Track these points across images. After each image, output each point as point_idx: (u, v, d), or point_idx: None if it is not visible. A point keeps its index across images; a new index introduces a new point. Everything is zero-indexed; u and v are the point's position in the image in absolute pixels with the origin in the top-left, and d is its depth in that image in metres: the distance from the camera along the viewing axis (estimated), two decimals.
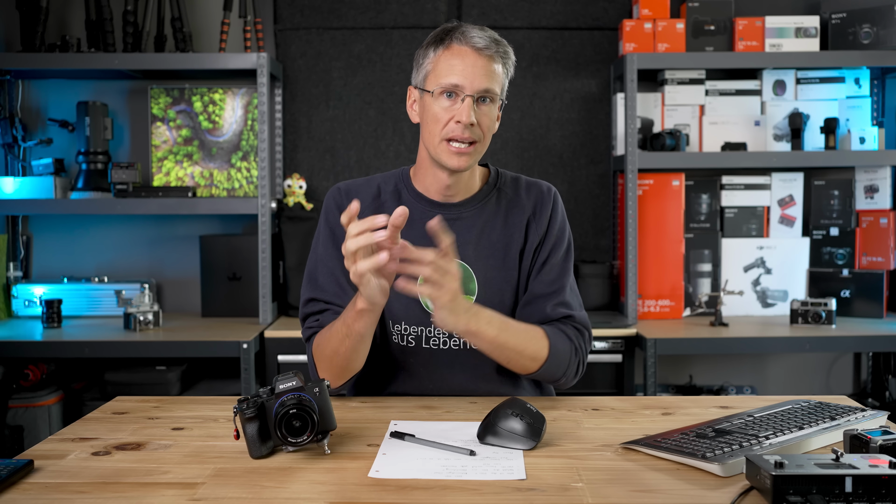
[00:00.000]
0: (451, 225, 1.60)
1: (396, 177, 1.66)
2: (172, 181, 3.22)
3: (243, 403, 1.21)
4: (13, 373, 2.86)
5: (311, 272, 1.61)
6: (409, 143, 3.26)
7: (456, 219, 1.61)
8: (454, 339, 1.59)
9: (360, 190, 1.63)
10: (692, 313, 3.11)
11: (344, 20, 3.25)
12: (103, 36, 3.02)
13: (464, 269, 1.58)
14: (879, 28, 2.96)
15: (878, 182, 3.18)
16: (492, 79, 1.51)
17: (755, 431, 1.24)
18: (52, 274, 3.24)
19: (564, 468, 1.17)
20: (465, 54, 1.50)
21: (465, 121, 1.48)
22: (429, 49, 1.55)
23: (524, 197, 1.65)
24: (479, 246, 1.60)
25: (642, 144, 3.07)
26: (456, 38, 1.51)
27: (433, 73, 1.53)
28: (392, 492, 1.08)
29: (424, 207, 1.61)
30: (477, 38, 1.50)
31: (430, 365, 1.59)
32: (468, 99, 1.49)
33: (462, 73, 1.49)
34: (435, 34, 1.55)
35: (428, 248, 1.34)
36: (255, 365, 2.76)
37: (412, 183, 1.64)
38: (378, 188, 1.64)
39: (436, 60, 1.53)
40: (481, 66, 1.50)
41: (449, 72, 1.50)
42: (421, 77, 1.56)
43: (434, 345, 1.59)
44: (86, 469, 1.18)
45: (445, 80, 1.50)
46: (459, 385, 1.59)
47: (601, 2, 3.26)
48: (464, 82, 1.49)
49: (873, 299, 3.05)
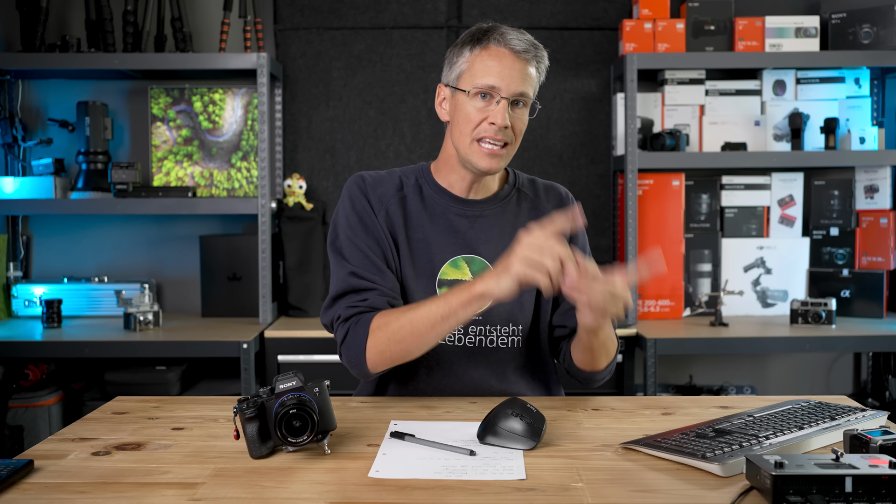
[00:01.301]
0: (472, 222, 1.61)
1: (416, 172, 1.65)
2: (172, 181, 3.22)
3: (243, 403, 1.21)
4: (13, 373, 2.87)
5: (345, 256, 1.55)
6: (408, 144, 3.26)
7: (478, 216, 1.61)
8: (469, 337, 1.58)
9: (383, 181, 1.62)
10: (692, 313, 3.11)
11: (344, 20, 3.25)
12: (103, 36, 3.02)
13: (484, 267, 1.59)
14: (879, 28, 2.96)
15: (878, 182, 3.18)
16: (527, 83, 1.51)
17: (755, 431, 1.24)
18: (52, 274, 3.24)
19: (564, 468, 1.17)
20: (502, 56, 1.49)
21: (500, 123, 1.48)
22: (464, 48, 1.54)
23: (543, 199, 1.67)
24: (500, 245, 1.59)
25: (642, 144, 3.07)
26: (494, 39, 1.50)
27: (468, 73, 1.52)
28: (392, 492, 1.08)
29: (447, 202, 1.61)
30: (516, 40, 1.50)
31: (445, 362, 1.59)
32: (504, 101, 1.49)
33: (499, 75, 1.49)
34: (471, 33, 1.54)
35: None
36: (255, 365, 2.76)
37: (433, 178, 1.64)
38: (400, 180, 1.63)
39: (472, 60, 1.52)
40: (518, 70, 1.49)
41: (485, 73, 1.49)
42: (454, 76, 1.55)
43: (449, 341, 1.58)
44: (86, 469, 1.18)
45: (481, 81, 1.49)
46: (472, 383, 1.59)
47: (601, 2, 3.26)
48: (500, 84, 1.49)
49: (873, 299, 3.05)
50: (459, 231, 1.60)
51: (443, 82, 1.60)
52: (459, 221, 1.60)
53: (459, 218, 1.60)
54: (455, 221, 1.60)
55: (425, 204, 1.61)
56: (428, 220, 1.60)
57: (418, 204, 1.61)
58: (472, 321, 1.58)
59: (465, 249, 1.59)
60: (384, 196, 1.60)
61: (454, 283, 1.57)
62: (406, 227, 1.59)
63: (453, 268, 1.58)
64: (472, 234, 1.60)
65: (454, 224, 1.60)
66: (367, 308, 1.50)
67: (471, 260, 1.59)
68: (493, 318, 1.58)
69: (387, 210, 1.59)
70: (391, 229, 1.58)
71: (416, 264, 1.58)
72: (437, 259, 1.58)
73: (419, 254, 1.58)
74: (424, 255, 1.58)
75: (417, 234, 1.59)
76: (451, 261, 1.58)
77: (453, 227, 1.60)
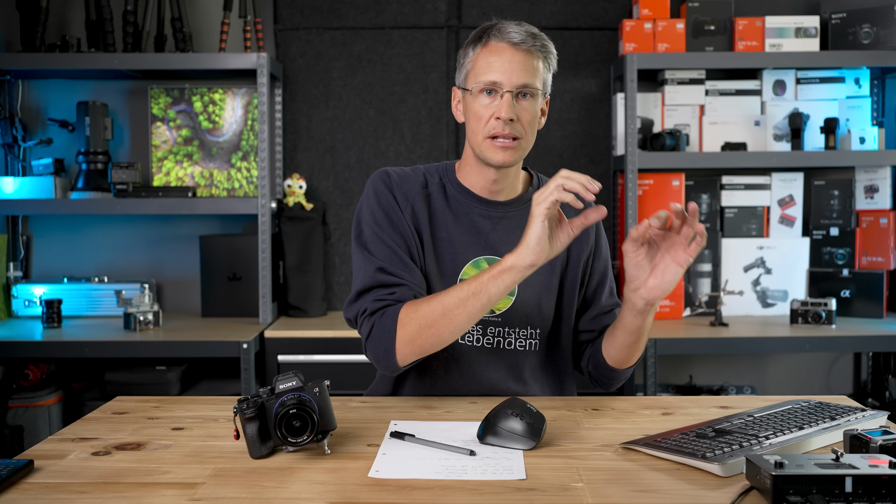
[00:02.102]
0: (495, 223, 1.60)
1: (440, 171, 1.64)
2: (172, 181, 3.22)
3: (243, 403, 1.21)
4: (13, 373, 2.87)
5: (371, 251, 1.52)
6: (409, 143, 3.26)
7: (501, 217, 1.61)
8: (487, 337, 1.58)
9: (408, 178, 1.61)
10: (692, 313, 3.11)
11: (344, 20, 3.25)
12: (103, 36, 3.02)
13: None
14: (879, 28, 2.96)
15: (878, 182, 3.18)
16: (530, 73, 1.50)
17: (755, 431, 1.24)
18: (52, 274, 3.24)
19: (564, 468, 1.17)
20: (502, 50, 1.50)
21: (504, 116, 1.48)
22: (468, 48, 1.55)
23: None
24: None
25: (642, 144, 3.07)
26: (493, 36, 1.51)
27: (472, 72, 1.53)
28: (392, 492, 1.08)
29: (470, 203, 1.61)
30: (513, 33, 1.50)
31: (462, 362, 1.58)
32: (507, 95, 1.48)
33: (500, 70, 1.49)
34: (474, 33, 1.55)
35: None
36: (255, 365, 2.76)
37: (457, 178, 1.63)
38: (424, 178, 1.63)
39: (475, 59, 1.53)
40: (519, 62, 1.49)
41: (487, 69, 1.50)
42: (462, 77, 1.56)
43: (468, 341, 1.58)
44: (86, 469, 1.18)
45: (484, 78, 1.50)
46: (489, 383, 1.58)
47: (601, 2, 3.26)
48: (501, 79, 1.49)
49: (873, 299, 3.05)
50: (482, 232, 1.59)
51: (455, 85, 1.61)
52: (483, 222, 1.60)
53: (483, 219, 1.60)
54: (478, 222, 1.60)
55: (449, 203, 1.61)
56: (452, 220, 1.59)
57: (443, 203, 1.60)
58: (491, 322, 1.57)
59: (488, 250, 1.59)
60: (409, 192, 1.59)
61: None
62: (431, 226, 1.59)
63: (475, 268, 1.58)
64: (494, 235, 1.59)
65: (477, 225, 1.60)
66: (394, 301, 1.47)
67: (492, 261, 1.57)
68: (512, 320, 1.58)
69: (412, 207, 1.58)
70: (416, 226, 1.58)
71: (440, 263, 1.58)
72: (460, 259, 1.58)
73: (442, 252, 1.58)
74: (448, 254, 1.58)
75: (441, 232, 1.59)
76: (473, 261, 1.58)
77: (476, 228, 1.60)
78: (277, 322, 3.01)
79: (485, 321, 1.58)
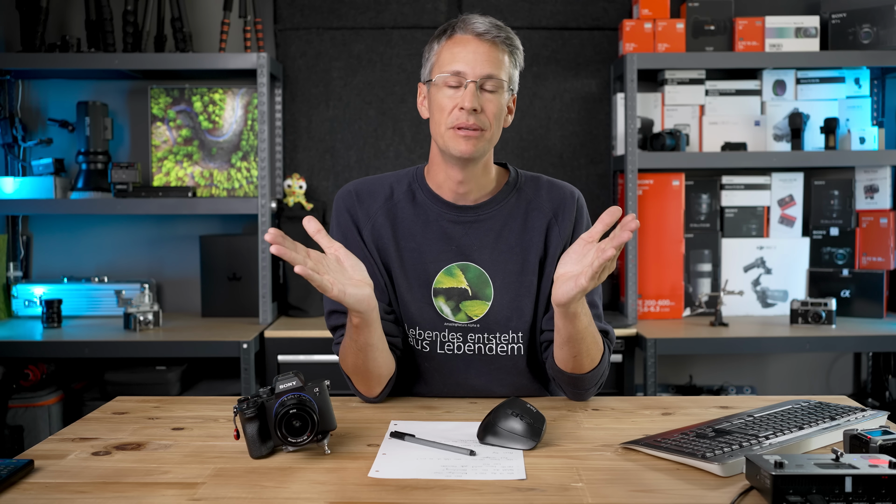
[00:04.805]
0: (468, 228, 1.57)
1: (410, 176, 1.62)
2: (172, 181, 3.22)
3: (243, 403, 1.21)
4: (13, 373, 2.86)
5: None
6: (408, 143, 3.26)
7: (473, 222, 1.57)
8: (468, 345, 1.57)
9: (371, 191, 1.60)
10: (692, 313, 3.11)
11: (344, 20, 3.25)
12: (103, 36, 3.02)
13: (479, 274, 1.56)
14: (879, 28, 2.96)
15: (878, 182, 3.18)
16: (494, 64, 1.48)
17: (755, 431, 1.24)
18: (52, 274, 3.24)
19: (564, 468, 1.17)
20: (466, 42, 1.49)
21: (468, 106, 1.46)
22: (433, 42, 1.54)
23: (544, 198, 1.61)
24: (497, 250, 1.57)
25: (642, 144, 3.07)
26: (458, 28, 1.51)
27: (437, 64, 1.52)
28: (392, 492, 1.08)
29: (440, 209, 1.58)
30: (478, 24, 1.49)
31: (444, 370, 1.58)
32: (471, 85, 1.47)
33: (464, 60, 1.48)
34: (440, 28, 1.55)
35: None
36: (255, 365, 2.76)
37: (426, 182, 1.60)
38: (391, 188, 1.60)
39: (439, 52, 1.52)
40: (483, 52, 1.48)
41: (451, 60, 1.49)
42: (427, 70, 1.55)
43: (448, 350, 1.57)
44: (86, 469, 1.18)
45: (448, 68, 1.49)
46: (474, 390, 1.58)
47: (601, 2, 3.26)
48: (465, 69, 1.48)
49: (873, 299, 3.05)
50: (453, 238, 1.57)
51: (420, 81, 1.60)
52: (453, 228, 1.57)
53: (453, 224, 1.57)
54: (448, 228, 1.57)
55: (417, 211, 1.58)
56: (420, 229, 1.57)
57: (410, 212, 1.58)
58: (470, 328, 1.56)
59: (460, 257, 1.56)
60: (371, 209, 1.58)
61: (450, 291, 1.56)
62: (396, 238, 1.57)
63: (448, 276, 1.56)
64: (466, 240, 1.56)
65: (447, 231, 1.57)
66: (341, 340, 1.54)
67: (466, 267, 1.56)
68: (491, 325, 1.56)
69: (373, 224, 1.57)
70: (378, 243, 1.57)
71: (410, 274, 1.56)
72: (431, 268, 1.56)
73: (412, 263, 1.56)
74: (418, 264, 1.56)
75: (409, 243, 1.57)
76: (445, 269, 1.56)
77: (447, 235, 1.57)
78: (277, 322, 3.00)
79: (464, 328, 1.56)
